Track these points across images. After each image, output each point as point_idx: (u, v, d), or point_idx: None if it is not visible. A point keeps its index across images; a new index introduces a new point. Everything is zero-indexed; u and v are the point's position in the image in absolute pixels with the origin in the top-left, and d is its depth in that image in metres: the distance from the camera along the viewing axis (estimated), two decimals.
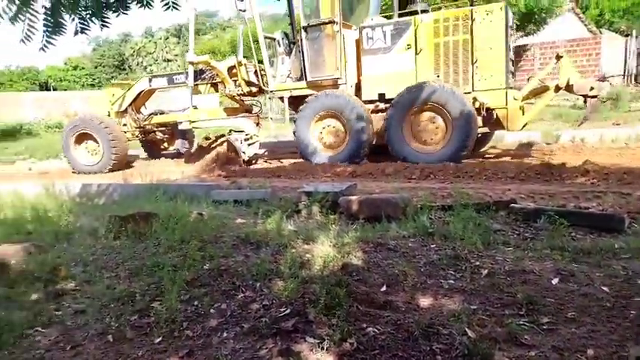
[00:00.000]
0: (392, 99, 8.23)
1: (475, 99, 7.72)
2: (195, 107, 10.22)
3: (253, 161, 9.90)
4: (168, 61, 48.75)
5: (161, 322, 2.47)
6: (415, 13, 8.43)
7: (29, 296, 2.89)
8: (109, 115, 10.88)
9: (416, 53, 8.18)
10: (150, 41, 51.31)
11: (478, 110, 7.70)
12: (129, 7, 3.86)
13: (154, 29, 61.00)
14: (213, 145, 9.94)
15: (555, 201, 4.85)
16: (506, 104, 7.71)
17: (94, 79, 46.80)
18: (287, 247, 3.55)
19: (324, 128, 8.86)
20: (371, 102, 8.70)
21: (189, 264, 3.20)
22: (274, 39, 9.88)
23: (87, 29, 4.18)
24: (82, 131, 10.24)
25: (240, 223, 4.47)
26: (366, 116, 8.34)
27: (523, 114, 8.06)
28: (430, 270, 3.02)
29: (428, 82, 7.89)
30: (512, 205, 4.32)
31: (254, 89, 10.06)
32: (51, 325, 2.56)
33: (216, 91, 10.54)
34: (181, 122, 10.47)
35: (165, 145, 11.84)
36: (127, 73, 55.71)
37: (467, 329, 2.21)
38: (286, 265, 3.07)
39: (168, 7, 3.76)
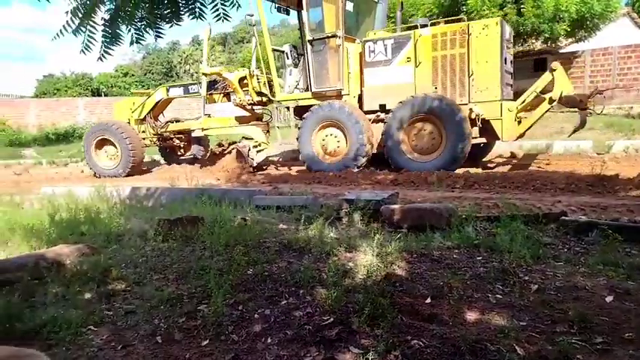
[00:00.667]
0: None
1: (471, 110, 7.99)
2: (208, 115, 10.87)
3: (264, 167, 10.30)
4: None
5: (208, 325, 2.52)
6: (415, 27, 8.77)
7: (83, 295, 3.01)
8: (129, 123, 11.38)
9: (415, 66, 8.54)
10: (197, 49, 52.82)
11: (474, 121, 7.97)
12: (182, 18, 4.01)
13: (201, 37, 62.70)
14: (224, 152, 10.51)
15: (608, 214, 4.66)
16: (501, 115, 7.97)
17: (143, 86, 48.61)
18: (329, 254, 3.57)
19: (326, 137, 9.21)
20: (372, 112, 9.07)
21: (234, 268, 3.26)
22: (283, 51, 10.37)
23: (142, 39, 4.36)
24: (102, 137, 10.82)
25: (282, 229, 4.52)
26: (365, 126, 8.67)
27: (519, 125, 8.25)
28: (477, 283, 2.95)
29: (423, 94, 8.20)
30: (563, 217, 4.17)
31: (264, 99, 10.49)
32: (103, 325, 2.66)
33: (229, 100, 10.99)
34: (194, 130, 11.00)
35: (182, 150, 12.31)
36: (174, 80, 57.58)
37: (516, 346, 2.15)
38: (329, 273, 3.07)
39: (219, 18, 3.87)
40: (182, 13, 3.98)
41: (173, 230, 4.22)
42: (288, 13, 9.68)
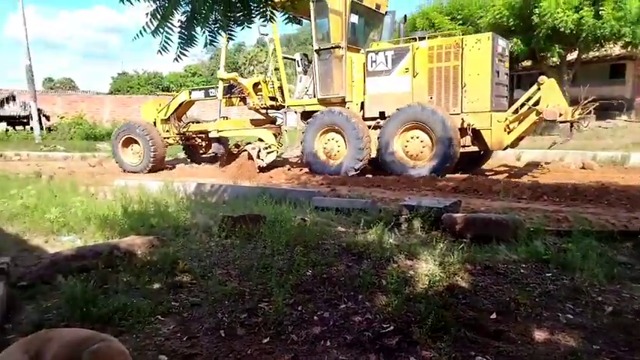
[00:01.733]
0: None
1: (463, 120, 8.42)
2: (225, 118, 11.84)
3: (281, 166, 10.90)
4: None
5: (268, 323, 2.57)
6: (414, 40, 9.21)
7: (152, 285, 3.16)
8: (155, 123, 12.10)
9: (413, 76, 8.93)
10: (261, 50, 54.05)
11: (465, 130, 8.38)
12: (253, 20, 4.12)
13: (266, 39, 64.09)
14: (239, 152, 10.99)
15: None
16: (491, 125, 8.29)
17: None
18: (389, 260, 3.53)
19: (328, 141, 9.64)
20: (373, 119, 9.45)
21: (295, 269, 3.30)
22: (294, 59, 10.96)
23: (215, 41, 4.51)
24: (128, 136, 11.64)
25: (341, 232, 4.53)
26: (363, 131, 9.09)
27: (509, 135, 8.45)
28: (545, 301, 2.81)
29: (416, 103, 8.63)
30: None
31: (276, 103, 10.99)
32: (170, 315, 2.77)
33: (245, 104, 11.59)
34: (211, 131, 11.64)
35: (204, 149, 12.90)
36: None
37: None
38: (389, 279, 3.04)
39: (289, 21, 3.96)
40: (254, 15, 4.09)
41: (236, 227, 4.34)
42: (300, 23, 10.11)
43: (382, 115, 9.30)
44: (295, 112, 10.68)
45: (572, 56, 18.44)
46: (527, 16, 15.37)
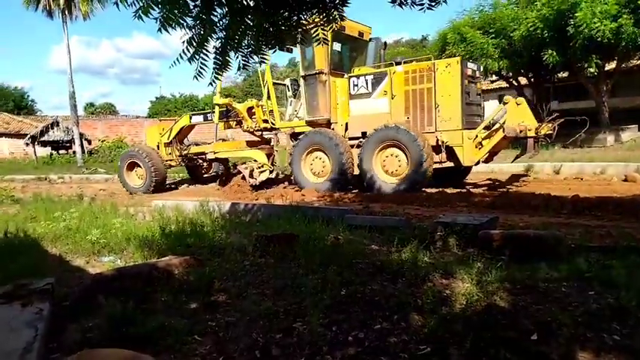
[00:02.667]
0: None
1: (437, 138, 9.01)
2: (223, 140, 12.87)
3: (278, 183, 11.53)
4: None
5: (303, 343, 2.56)
6: (392, 64, 9.89)
7: (189, 305, 3.21)
8: (158, 147, 12.90)
9: (391, 98, 9.58)
10: (293, 71, 54.87)
11: (439, 147, 8.98)
12: (285, 44, 4.22)
13: (297, 59, 65.09)
14: (236, 172, 11.73)
15: None
16: (462, 142, 8.86)
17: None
18: (424, 280, 3.47)
19: (314, 160, 10.30)
20: (357, 138, 10.01)
21: (329, 288, 3.29)
22: (285, 84, 11.73)
23: (248, 65, 4.64)
24: (131, 160, 12.52)
25: (375, 250, 4.49)
26: (345, 150, 9.74)
27: (479, 151, 8.98)
28: (589, 321, 2.69)
29: (391, 123, 9.19)
30: None
31: (269, 126, 11.69)
32: (206, 335, 2.80)
33: (241, 126, 12.31)
34: (208, 152, 12.48)
35: (206, 169, 13.60)
36: None
37: None
38: (425, 299, 2.99)
39: (319, 42, 4.03)
40: (285, 39, 4.19)
41: (270, 246, 4.37)
42: (291, 51, 10.34)
43: (364, 135, 9.85)
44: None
45: (610, 66, 17.90)
46: (562, 27, 15.04)
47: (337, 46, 10.66)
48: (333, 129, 10.35)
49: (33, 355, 2.42)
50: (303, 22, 3.99)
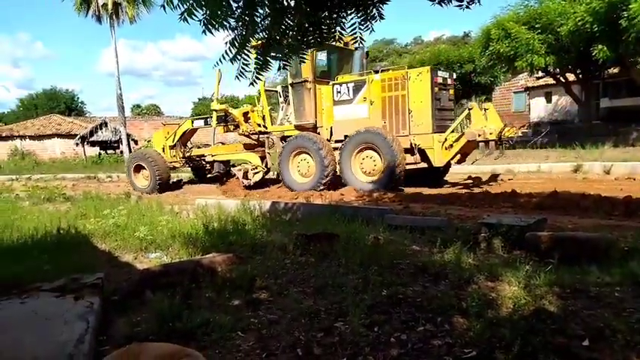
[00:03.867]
0: None
1: (411, 141, 9.72)
2: (222, 144, 13.70)
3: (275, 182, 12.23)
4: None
5: (345, 343, 2.55)
6: (370, 73, 10.70)
7: (232, 302, 3.27)
8: (164, 150, 13.70)
9: (370, 104, 10.27)
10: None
11: (412, 150, 9.70)
12: (325, 42, 4.22)
13: None
14: (233, 173, 12.66)
15: None
16: (433, 145, 9.57)
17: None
18: (468, 282, 3.39)
19: (300, 162, 10.94)
20: (340, 141, 10.64)
21: (370, 288, 3.26)
22: (277, 91, 12.43)
23: (288, 65, 4.68)
24: (137, 163, 13.36)
25: (416, 251, 4.43)
26: (327, 152, 10.38)
27: (448, 152, 9.56)
28: None
29: (368, 127, 9.94)
30: None
31: (263, 129, 12.43)
32: (249, 331, 2.84)
33: (238, 130, 13.10)
34: (207, 155, 13.34)
35: (208, 170, 14.23)
36: None
37: None
38: (469, 302, 2.92)
39: (356, 41, 4.01)
40: (325, 37, 4.19)
41: (310, 245, 4.39)
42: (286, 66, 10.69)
43: (346, 138, 10.52)
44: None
45: None
46: (614, 20, 14.34)
47: (322, 56, 11.51)
48: (319, 133, 11.12)
49: (85, 347, 2.52)
50: (342, 20, 3.99)
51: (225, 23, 3.63)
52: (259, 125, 12.33)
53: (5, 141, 31.60)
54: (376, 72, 10.57)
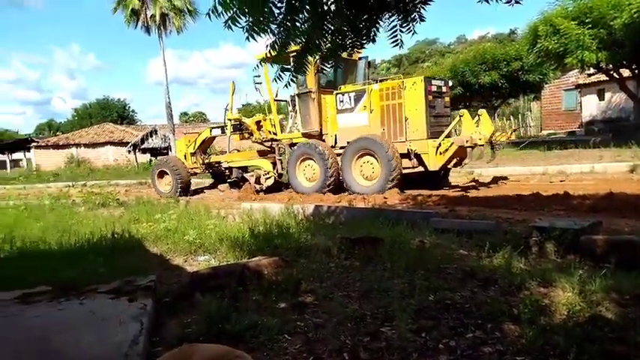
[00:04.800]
0: None
1: (407, 147, 10.17)
2: (237, 151, 14.70)
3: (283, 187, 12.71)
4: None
5: (392, 348, 2.53)
6: (370, 83, 11.25)
7: (278, 305, 3.31)
8: (185, 157, 14.47)
9: (369, 112, 10.80)
10: (373, 73, 54.72)
11: (409, 155, 10.14)
12: (363, 45, 4.22)
13: (377, 61, 64.93)
14: (246, 178, 13.15)
15: None
16: (427, 150, 9.94)
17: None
18: (520, 288, 3.29)
19: (306, 167, 11.55)
20: (343, 148, 11.18)
21: (416, 293, 3.22)
22: (286, 100, 13.00)
23: (325, 67, 4.71)
24: (161, 169, 14.29)
25: (463, 255, 4.33)
26: (331, 158, 10.97)
27: (441, 157, 9.87)
28: None
29: (365, 135, 10.54)
30: None
31: (275, 137, 12.95)
32: (295, 335, 2.87)
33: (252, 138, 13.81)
34: (222, 162, 14.12)
35: (227, 175, 14.52)
36: None
37: None
38: (521, 308, 2.83)
39: (397, 44, 3.98)
40: (363, 41, 4.19)
41: (355, 249, 4.38)
42: (290, 70, 10.71)
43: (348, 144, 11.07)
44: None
45: None
46: None
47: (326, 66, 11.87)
48: (324, 140, 11.73)
49: (139, 348, 2.62)
50: (382, 23, 3.97)
51: (267, 29, 3.71)
52: (271, 133, 12.99)
53: (62, 149, 33.35)
54: (375, 81, 11.17)
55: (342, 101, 11.20)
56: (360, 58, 12.21)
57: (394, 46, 3.91)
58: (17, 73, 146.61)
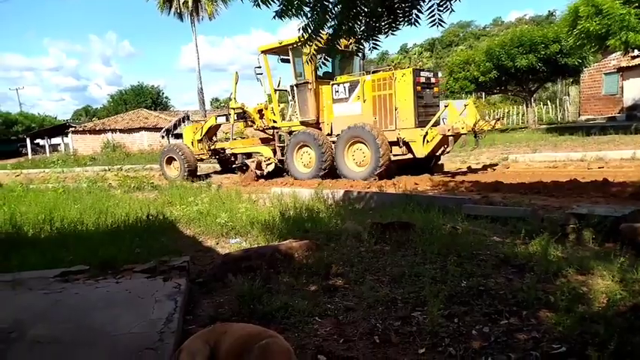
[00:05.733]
0: None
1: (397, 135, 10.68)
2: (242, 137, 15.38)
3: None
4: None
5: (423, 333, 2.51)
6: (363, 74, 11.69)
7: (309, 287, 3.32)
8: (192, 144, 15.02)
9: (362, 102, 11.30)
10: (405, 57, 53.88)
11: (398, 142, 10.67)
12: (399, 27, 4.12)
13: (409, 45, 63.82)
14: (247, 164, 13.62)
15: None
16: (415, 139, 10.49)
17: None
18: (556, 275, 3.20)
19: (303, 154, 12.09)
20: (338, 136, 11.62)
21: (448, 278, 3.18)
22: (286, 90, 13.29)
23: (360, 50, 4.64)
24: (169, 155, 14.86)
25: (497, 242, 4.24)
26: (325, 145, 11.52)
27: (428, 145, 10.40)
28: None
29: (356, 124, 10.98)
30: None
31: (276, 125, 13.38)
32: (326, 317, 2.88)
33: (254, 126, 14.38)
34: (226, 148, 14.44)
35: (233, 161, 15.13)
36: None
37: None
38: (558, 296, 2.75)
39: (434, 24, 3.87)
40: (399, 22, 4.09)
41: (385, 234, 4.35)
42: (289, 62, 12.26)
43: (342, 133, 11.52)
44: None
45: None
46: None
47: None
48: (320, 128, 12.18)
49: (174, 325, 2.68)
50: (420, 3, 3.87)
51: (299, 11, 3.67)
52: (272, 121, 13.45)
53: (98, 134, 34.23)
54: (367, 73, 11.64)
55: (338, 91, 11.75)
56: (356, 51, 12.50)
57: (432, 26, 3.81)
58: (56, 61, 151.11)
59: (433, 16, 3.79)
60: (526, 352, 2.24)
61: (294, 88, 12.43)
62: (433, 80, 11.41)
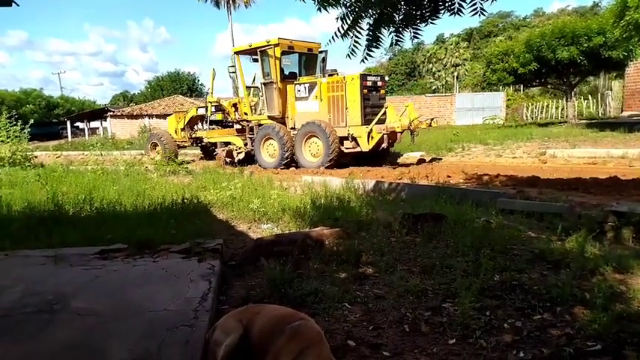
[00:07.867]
0: None
1: (348, 131, 12.05)
2: (217, 128, 16.12)
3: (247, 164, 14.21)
4: (457, 65, 49.16)
5: (454, 324, 2.50)
6: (320, 76, 13.18)
7: (339, 274, 3.35)
8: (175, 132, 16.55)
9: (320, 101, 12.62)
10: (441, 48, 52.82)
11: (348, 138, 12.09)
12: (439, 16, 4.05)
13: (445, 35, 62.53)
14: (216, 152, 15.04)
15: None
16: (361, 135, 11.81)
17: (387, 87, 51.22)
18: (593, 272, 3.12)
19: (268, 145, 13.49)
20: (298, 130, 12.91)
21: (481, 272, 3.15)
22: (257, 87, 14.60)
23: (400, 41, 4.57)
24: (153, 141, 16.57)
25: (532, 237, 4.17)
26: (287, 139, 12.84)
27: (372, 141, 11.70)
28: None
29: (310, 120, 12.42)
30: None
31: (248, 117, 14.67)
32: (355, 304, 2.90)
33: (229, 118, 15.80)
34: (204, 137, 15.93)
35: (213, 149, 16.15)
36: (415, 80, 58.74)
37: None
38: (594, 293, 2.69)
39: (476, 13, 3.78)
40: (440, 10, 4.02)
41: (417, 225, 4.32)
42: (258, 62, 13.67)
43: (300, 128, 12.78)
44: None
45: None
46: None
47: (287, 61, 13.86)
48: (284, 123, 13.51)
49: (208, 304, 2.76)
50: None
51: (339, 0, 3.64)
52: (244, 114, 14.73)
53: (135, 119, 35.09)
54: (324, 76, 13.03)
55: (300, 90, 13.04)
56: (320, 52, 13.95)
57: (473, 15, 3.73)
58: (96, 46, 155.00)
59: (475, 4, 3.70)
60: (559, 348, 2.21)
61: (263, 86, 13.75)
62: (380, 83, 12.77)
